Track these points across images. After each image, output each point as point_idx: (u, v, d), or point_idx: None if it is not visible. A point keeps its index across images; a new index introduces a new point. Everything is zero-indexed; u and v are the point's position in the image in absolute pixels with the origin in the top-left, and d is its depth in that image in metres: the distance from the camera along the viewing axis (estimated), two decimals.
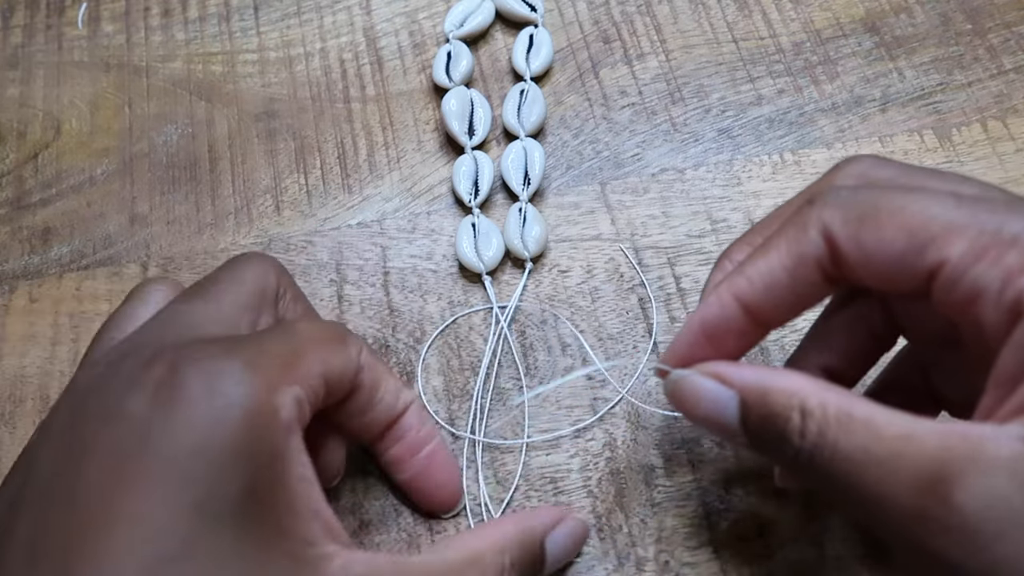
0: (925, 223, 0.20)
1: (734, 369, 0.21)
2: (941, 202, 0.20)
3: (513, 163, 0.34)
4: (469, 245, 0.32)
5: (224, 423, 0.19)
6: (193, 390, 0.20)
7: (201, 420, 0.19)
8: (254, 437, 0.20)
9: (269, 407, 0.20)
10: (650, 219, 0.33)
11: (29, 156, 0.36)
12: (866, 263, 0.20)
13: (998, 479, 0.17)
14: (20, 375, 0.31)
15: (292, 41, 0.38)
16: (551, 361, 0.30)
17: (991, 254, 0.19)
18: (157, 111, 0.37)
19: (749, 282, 0.22)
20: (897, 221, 0.20)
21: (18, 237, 0.34)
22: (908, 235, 0.20)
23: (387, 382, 0.26)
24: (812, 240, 0.21)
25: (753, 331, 0.22)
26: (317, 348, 0.23)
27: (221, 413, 0.20)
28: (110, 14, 0.40)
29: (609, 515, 0.28)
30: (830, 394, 0.20)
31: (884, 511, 0.18)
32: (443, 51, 0.36)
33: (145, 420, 0.19)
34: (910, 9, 0.38)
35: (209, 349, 0.21)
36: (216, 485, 0.19)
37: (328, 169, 0.35)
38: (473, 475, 0.28)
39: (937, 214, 0.20)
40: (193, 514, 0.19)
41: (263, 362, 0.21)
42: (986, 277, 0.19)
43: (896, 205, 0.20)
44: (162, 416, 0.19)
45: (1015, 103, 0.35)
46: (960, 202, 0.20)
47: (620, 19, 0.38)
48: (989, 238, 0.19)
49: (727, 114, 0.35)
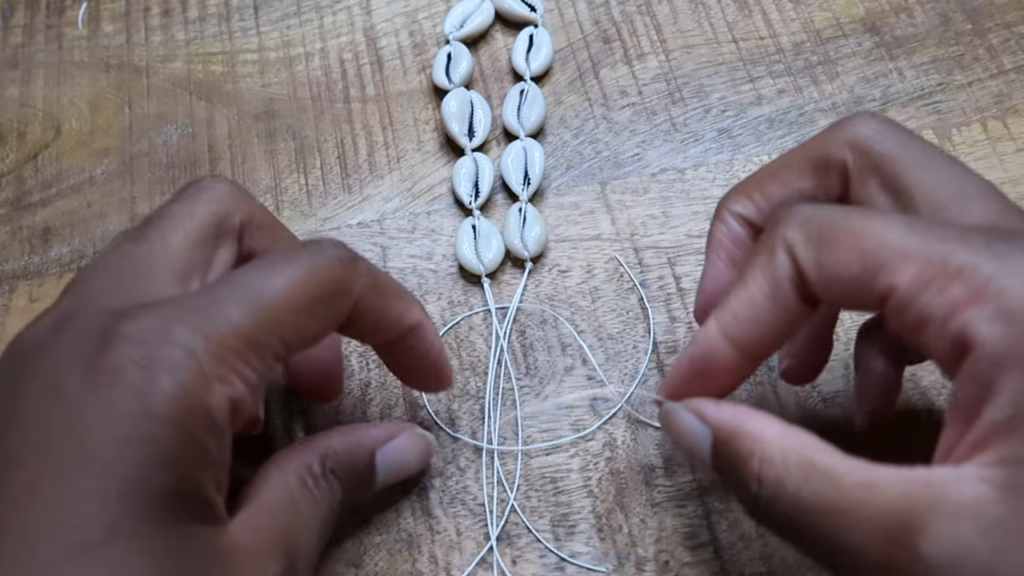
0: (877, 248, 0.20)
1: (713, 408, 0.22)
2: (895, 227, 0.20)
3: (513, 163, 0.34)
4: (469, 247, 0.32)
5: (155, 417, 0.19)
6: (129, 377, 0.19)
7: (131, 410, 0.19)
8: (182, 436, 0.19)
9: (202, 409, 0.19)
10: (650, 219, 0.33)
11: (29, 156, 0.36)
12: (826, 284, 0.21)
13: (963, 527, 0.17)
14: None
15: (292, 41, 0.38)
16: (551, 361, 0.30)
17: (937, 284, 0.19)
18: (157, 111, 0.37)
19: (734, 317, 0.22)
20: (852, 244, 0.20)
21: (18, 237, 0.34)
22: (862, 258, 0.20)
23: (389, 310, 0.24)
24: (782, 262, 0.21)
25: (744, 364, 0.22)
26: (289, 319, 0.21)
27: (152, 406, 0.19)
28: (110, 14, 0.40)
29: (609, 515, 0.28)
30: (793, 440, 0.20)
31: (851, 560, 0.19)
32: (443, 52, 0.37)
33: (77, 400, 0.19)
34: (910, 9, 0.38)
35: (152, 322, 0.20)
36: (141, 478, 0.18)
37: (328, 169, 0.35)
38: (474, 475, 0.29)
39: (889, 239, 0.20)
40: (116, 504, 0.18)
41: (206, 347, 0.19)
42: (931, 306, 0.19)
43: (853, 227, 0.20)
44: (94, 399, 0.19)
45: (1015, 103, 0.35)
46: (913, 228, 0.20)
47: (620, 19, 0.38)
48: (936, 267, 0.19)
49: (727, 114, 0.35)
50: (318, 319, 0.22)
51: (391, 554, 0.27)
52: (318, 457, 0.24)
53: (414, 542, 0.27)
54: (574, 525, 0.28)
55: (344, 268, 0.22)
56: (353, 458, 0.25)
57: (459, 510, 0.28)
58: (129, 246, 0.23)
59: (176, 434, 0.19)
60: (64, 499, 0.18)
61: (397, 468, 0.27)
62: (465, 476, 0.29)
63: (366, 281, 0.22)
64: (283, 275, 0.21)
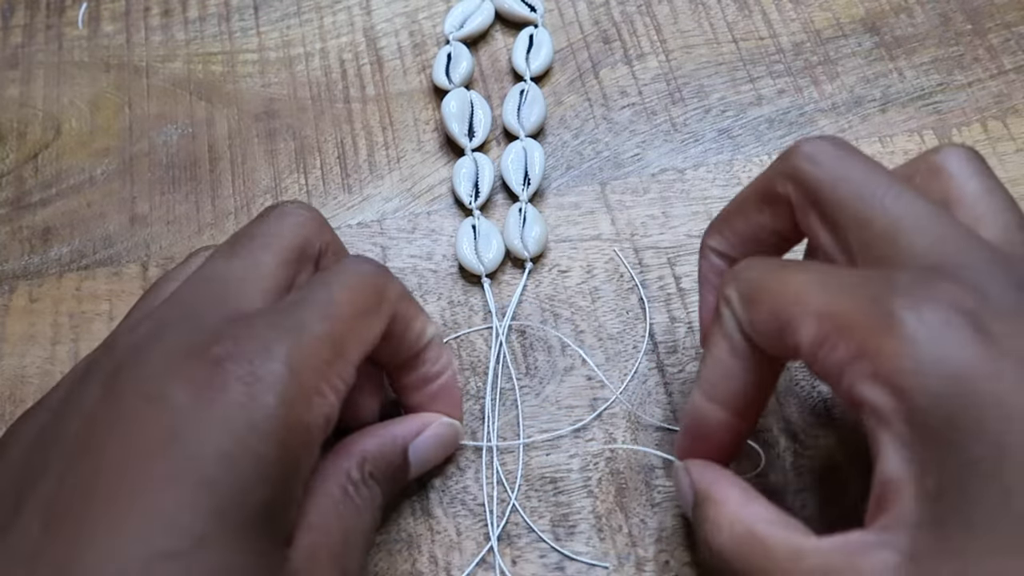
0: (787, 306, 0.20)
1: (697, 471, 0.24)
2: (809, 283, 0.20)
3: (513, 163, 0.34)
4: (469, 247, 0.32)
5: (257, 433, 0.19)
6: (234, 393, 0.19)
7: (236, 426, 0.19)
8: (282, 453, 0.20)
9: (301, 426, 0.20)
10: (650, 219, 0.33)
11: (29, 156, 0.36)
12: (758, 340, 0.21)
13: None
14: (20, 375, 0.31)
15: (292, 41, 0.38)
16: (551, 361, 0.30)
17: (830, 342, 0.19)
18: (157, 111, 0.37)
19: (710, 380, 0.23)
20: (769, 302, 0.21)
21: (18, 237, 0.34)
22: (775, 317, 0.20)
23: (415, 321, 0.25)
24: (728, 321, 0.22)
25: (736, 422, 0.23)
26: (356, 326, 0.22)
27: (256, 423, 0.19)
28: (110, 14, 0.40)
29: (609, 515, 0.28)
30: (745, 511, 0.21)
31: None
32: (443, 53, 0.37)
33: (183, 414, 0.19)
34: (910, 9, 0.38)
35: (252, 340, 0.20)
36: (239, 494, 0.19)
37: (328, 169, 0.35)
38: (474, 475, 0.29)
39: (800, 297, 0.20)
40: (211, 519, 0.19)
41: (303, 361, 0.21)
42: (826, 364, 0.19)
43: (772, 286, 0.21)
44: (199, 414, 0.19)
45: (1015, 103, 0.35)
46: (824, 283, 0.20)
47: (620, 19, 0.38)
48: (830, 325, 0.19)
49: (727, 114, 0.35)
50: (372, 325, 0.23)
51: (391, 554, 0.27)
52: (356, 463, 0.24)
53: (414, 542, 0.27)
54: (574, 525, 0.28)
55: (381, 276, 0.24)
56: (388, 459, 0.25)
57: (459, 510, 0.28)
58: (221, 262, 0.24)
59: (276, 452, 0.20)
60: (162, 508, 0.18)
61: (429, 461, 0.27)
62: (465, 476, 0.29)
63: (399, 289, 0.24)
64: (339, 286, 0.23)
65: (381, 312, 0.23)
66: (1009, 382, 0.17)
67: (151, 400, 0.20)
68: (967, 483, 0.17)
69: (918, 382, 0.18)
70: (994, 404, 0.17)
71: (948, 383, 0.17)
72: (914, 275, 0.19)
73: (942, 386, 0.17)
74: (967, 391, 0.17)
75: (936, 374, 0.18)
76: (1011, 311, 0.18)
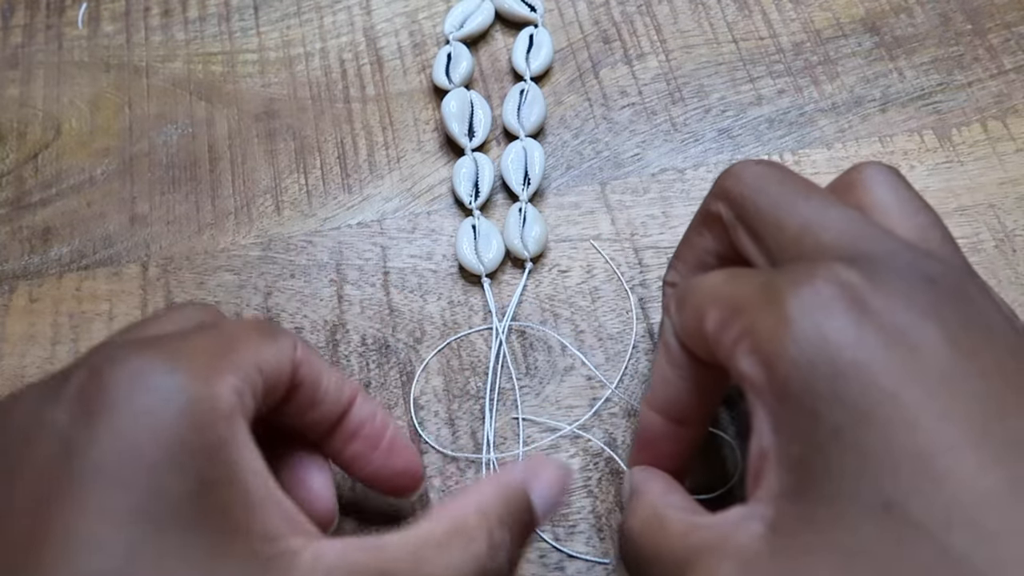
0: (702, 302, 0.21)
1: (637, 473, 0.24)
2: (720, 279, 0.21)
3: (513, 163, 0.34)
4: (469, 247, 0.32)
5: (156, 420, 0.18)
6: (117, 391, 0.18)
7: (128, 421, 0.18)
8: (192, 431, 0.18)
9: (206, 396, 0.19)
10: (650, 219, 0.33)
11: (29, 156, 0.36)
12: (686, 341, 0.23)
13: (725, 567, 0.18)
14: (20, 375, 0.31)
15: (292, 41, 0.38)
16: (551, 361, 0.30)
17: (727, 325, 0.20)
18: (157, 111, 0.37)
19: (653, 389, 0.24)
20: (691, 301, 0.22)
21: (18, 237, 0.34)
22: (694, 312, 0.21)
23: (327, 375, 0.24)
24: (668, 329, 0.23)
25: (678, 430, 0.24)
26: (247, 340, 0.21)
27: (151, 410, 0.18)
28: (110, 14, 0.40)
29: (609, 515, 0.28)
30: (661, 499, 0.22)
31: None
32: (443, 53, 0.37)
33: (67, 430, 0.18)
34: (910, 9, 0.38)
35: (129, 348, 0.20)
36: (155, 488, 0.18)
37: (328, 169, 0.35)
38: (473, 476, 0.29)
39: (710, 292, 0.21)
40: (132, 522, 0.17)
41: (191, 355, 0.19)
42: (724, 346, 0.20)
43: (694, 287, 0.22)
44: (85, 423, 0.18)
45: (1015, 103, 0.35)
46: (731, 277, 0.21)
47: (620, 19, 0.38)
48: (728, 310, 0.20)
49: (727, 114, 0.35)
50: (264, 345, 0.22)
51: None
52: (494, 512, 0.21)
53: None
54: (574, 525, 0.28)
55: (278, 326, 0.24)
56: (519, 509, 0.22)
57: None
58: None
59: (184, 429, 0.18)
60: (73, 529, 0.17)
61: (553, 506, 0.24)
62: (465, 477, 0.29)
63: (303, 344, 0.23)
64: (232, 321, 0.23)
65: (278, 338, 0.22)
66: (872, 349, 0.17)
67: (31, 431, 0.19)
68: (828, 451, 0.17)
69: (785, 351, 0.18)
70: (855, 372, 0.17)
71: (813, 353, 0.18)
72: (810, 262, 0.20)
73: (807, 355, 0.18)
74: (830, 359, 0.17)
75: (803, 344, 0.18)
76: (900, 292, 0.18)
